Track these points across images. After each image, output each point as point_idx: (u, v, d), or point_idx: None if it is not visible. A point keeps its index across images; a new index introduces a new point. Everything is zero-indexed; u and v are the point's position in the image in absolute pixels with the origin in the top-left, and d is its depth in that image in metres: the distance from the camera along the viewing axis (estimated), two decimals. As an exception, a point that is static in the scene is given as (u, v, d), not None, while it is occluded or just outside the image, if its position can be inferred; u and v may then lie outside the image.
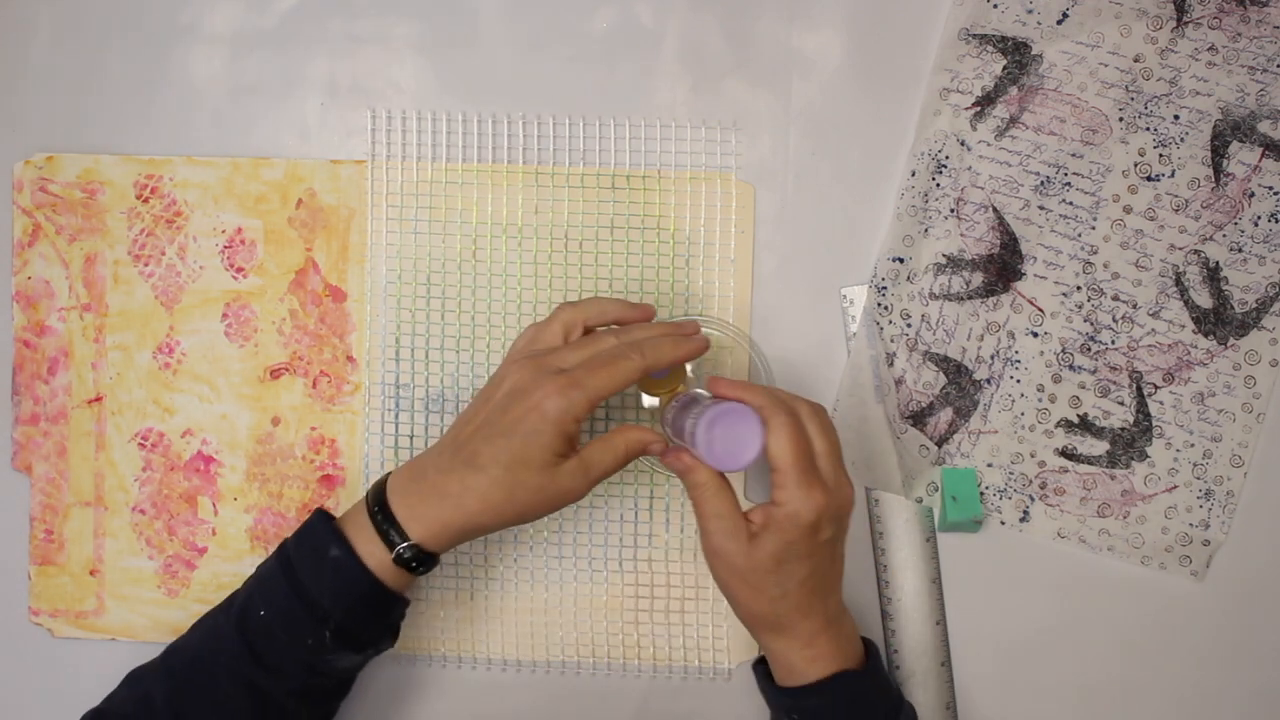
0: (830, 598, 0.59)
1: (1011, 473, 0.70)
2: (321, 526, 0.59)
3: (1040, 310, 0.69)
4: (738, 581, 0.58)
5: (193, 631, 0.61)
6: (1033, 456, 0.69)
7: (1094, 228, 0.69)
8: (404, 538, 0.58)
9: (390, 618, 0.61)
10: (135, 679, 0.61)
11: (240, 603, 0.60)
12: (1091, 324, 0.69)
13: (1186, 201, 0.69)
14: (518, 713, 0.71)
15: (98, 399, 0.71)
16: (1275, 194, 0.69)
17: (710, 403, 0.58)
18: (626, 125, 0.70)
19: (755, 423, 0.56)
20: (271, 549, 0.70)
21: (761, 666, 0.63)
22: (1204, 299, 0.69)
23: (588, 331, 0.61)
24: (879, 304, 0.69)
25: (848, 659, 0.59)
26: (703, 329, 0.68)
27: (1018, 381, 0.69)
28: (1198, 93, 0.69)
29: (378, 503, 0.58)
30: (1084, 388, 0.69)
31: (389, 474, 0.60)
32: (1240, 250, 0.69)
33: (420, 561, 0.58)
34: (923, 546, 0.69)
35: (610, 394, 0.57)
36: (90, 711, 0.60)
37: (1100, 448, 0.69)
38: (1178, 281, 0.69)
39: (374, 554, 0.58)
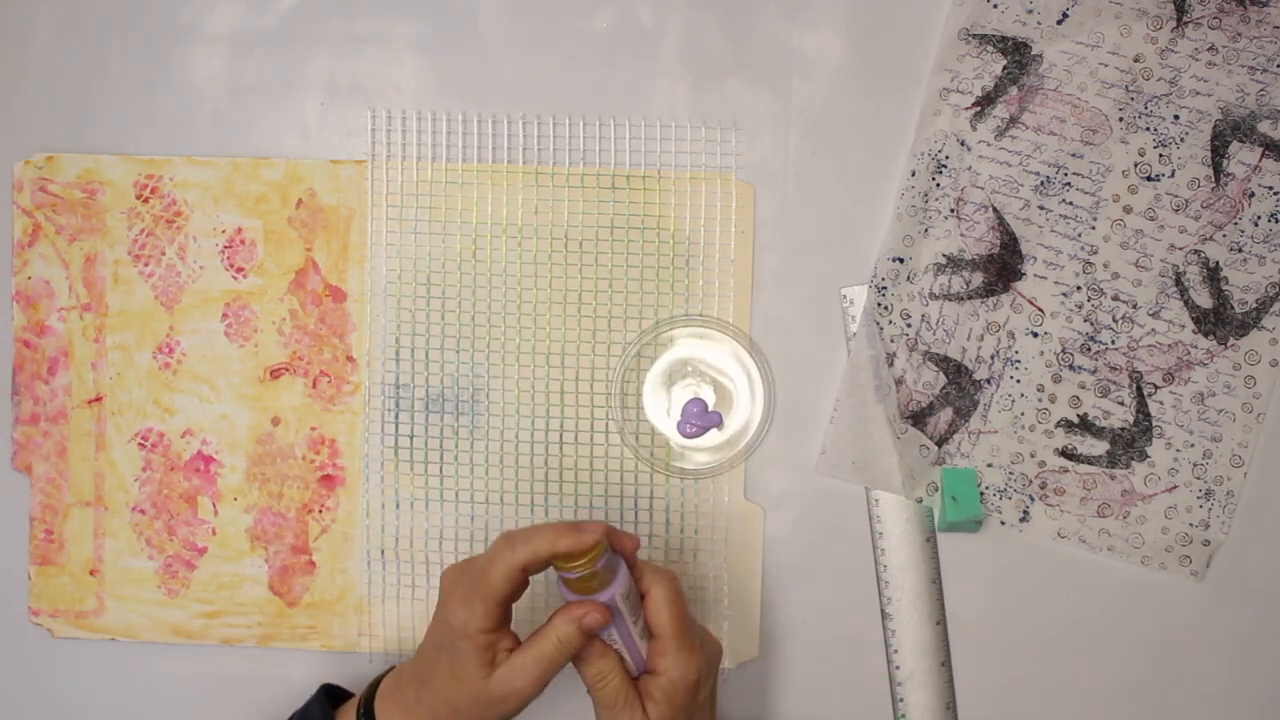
0: None
1: (1011, 473, 0.69)
2: (316, 707, 0.62)
3: (1040, 310, 0.69)
4: None
5: None
6: (1033, 456, 0.69)
7: (1094, 228, 0.69)
8: None
9: None
10: None
11: None
12: (1091, 324, 0.69)
13: (1186, 201, 0.69)
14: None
15: (98, 399, 0.71)
16: (1275, 194, 0.69)
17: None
18: (626, 125, 0.70)
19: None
20: (271, 549, 0.70)
21: None
22: (1204, 299, 0.69)
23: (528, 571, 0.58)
24: (879, 304, 0.69)
25: None
26: (703, 334, 0.68)
27: (1018, 381, 0.69)
28: (1198, 93, 0.69)
29: (365, 704, 0.60)
30: (1084, 388, 0.69)
31: (389, 670, 0.62)
32: (1240, 250, 0.69)
33: None
34: (923, 546, 0.69)
35: (503, 593, 0.56)
36: None
37: (1100, 448, 0.69)
38: (1178, 281, 0.69)
39: None
